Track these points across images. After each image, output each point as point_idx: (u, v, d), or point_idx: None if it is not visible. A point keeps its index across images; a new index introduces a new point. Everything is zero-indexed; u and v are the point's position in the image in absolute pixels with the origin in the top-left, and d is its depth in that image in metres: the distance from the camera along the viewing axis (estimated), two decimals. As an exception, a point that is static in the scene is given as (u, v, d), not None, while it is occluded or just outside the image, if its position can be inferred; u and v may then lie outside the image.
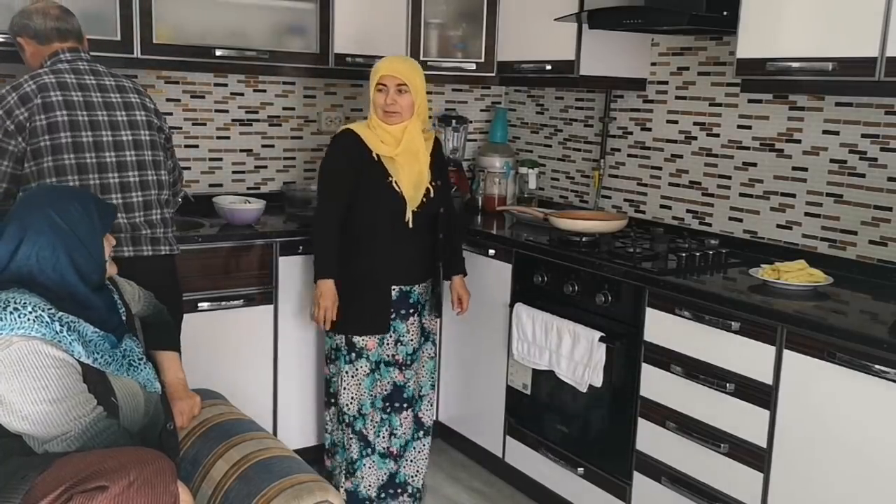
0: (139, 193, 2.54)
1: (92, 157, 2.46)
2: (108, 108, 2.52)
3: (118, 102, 2.54)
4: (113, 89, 2.55)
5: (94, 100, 2.50)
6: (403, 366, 2.96)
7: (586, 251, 2.97)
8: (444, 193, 3.00)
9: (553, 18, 3.21)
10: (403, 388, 2.98)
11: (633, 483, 2.76)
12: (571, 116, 3.84)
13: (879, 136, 2.67)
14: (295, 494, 1.81)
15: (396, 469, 3.06)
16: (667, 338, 2.60)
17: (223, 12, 3.23)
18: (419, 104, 2.84)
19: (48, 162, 2.40)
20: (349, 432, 2.96)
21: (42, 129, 2.40)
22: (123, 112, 2.55)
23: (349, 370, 2.91)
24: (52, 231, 1.80)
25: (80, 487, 1.47)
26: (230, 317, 3.11)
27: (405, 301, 2.92)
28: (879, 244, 2.69)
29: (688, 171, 3.29)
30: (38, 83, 2.43)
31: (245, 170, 3.68)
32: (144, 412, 1.91)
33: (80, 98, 2.47)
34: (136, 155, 2.55)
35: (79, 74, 2.51)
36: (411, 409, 3.03)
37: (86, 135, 2.46)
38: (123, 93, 2.57)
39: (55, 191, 1.95)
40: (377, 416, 2.97)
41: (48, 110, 2.40)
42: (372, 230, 2.85)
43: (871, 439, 2.09)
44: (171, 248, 2.61)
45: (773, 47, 2.52)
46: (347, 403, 2.93)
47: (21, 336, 1.68)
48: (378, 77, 2.82)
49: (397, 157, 2.82)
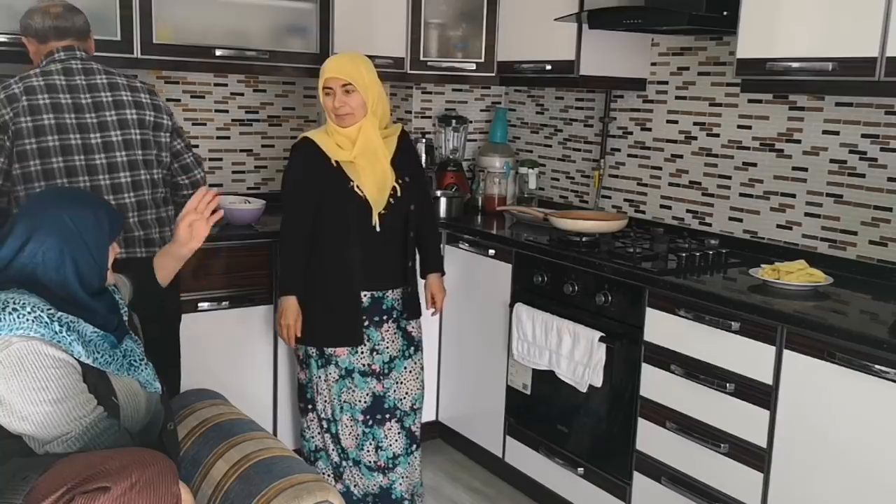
0: (131, 194, 2.53)
1: (81, 159, 2.45)
2: (97, 108, 2.50)
3: (108, 102, 2.52)
4: (104, 88, 2.53)
5: (83, 101, 2.49)
6: (381, 375, 2.86)
7: (586, 251, 2.97)
8: (414, 189, 2.89)
9: (553, 18, 3.21)
10: (384, 399, 2.88)
11: (633, 483, 2.76)
12: (571, 116, 3.84)
13: (879, 136, 2.67)
14: (295, 494, 1.81)
15: (389, 484, 2.93)
16: (667, 338, 2.60)
17: (223, 12, 3.23)
18: (372, 100, 2.72)
19: (35, 165, 2.40)
20: (327, 437, 2.91)
21: (28, 132, 2.39)
22: (113, 111, 2.52)
23: (321, 375, 2.85)
24: (62, 233, 1.79)
25: (81, 488, 1.47)
26: (230, 317, 3.11)
27: (378, 307, 2.83)
28: (879, 244, 2.69)
29: (688, 171, 3.29)
30: (25, 84, 2.43)
31: (245, 170, 3.68)
32: (145, 412, 1.91)
33: (69, 100, 2.46)
34: (126, 155, 2.53)
35: (69, 75, 2.50)
36: (397, 421, 2.91)
37: (74, 137, 2.45)
38: (115, 91, 2.55)
39: (70, 193, 1.94)
40: (357, 429, 2.88)
41: (34, 113, 2.40)
42: (338, 237, 2.76)
43: (872, 439, 2.09)
44: None
45: (773, 47, 2.52)
46: (323, 408, 2.88)
47: (20, 336, 1.67)
48: (323, 81, 2.73)
49: (356, 160, 2.73)
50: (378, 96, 2.76)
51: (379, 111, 2.77)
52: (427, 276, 3.04)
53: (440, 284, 3.05)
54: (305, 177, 2.75)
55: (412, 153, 2.98)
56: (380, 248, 2.81)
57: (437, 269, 3.05)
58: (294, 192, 2.78)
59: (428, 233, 3.01)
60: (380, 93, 2.77)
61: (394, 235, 2.84)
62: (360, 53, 2.85)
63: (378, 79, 2.78)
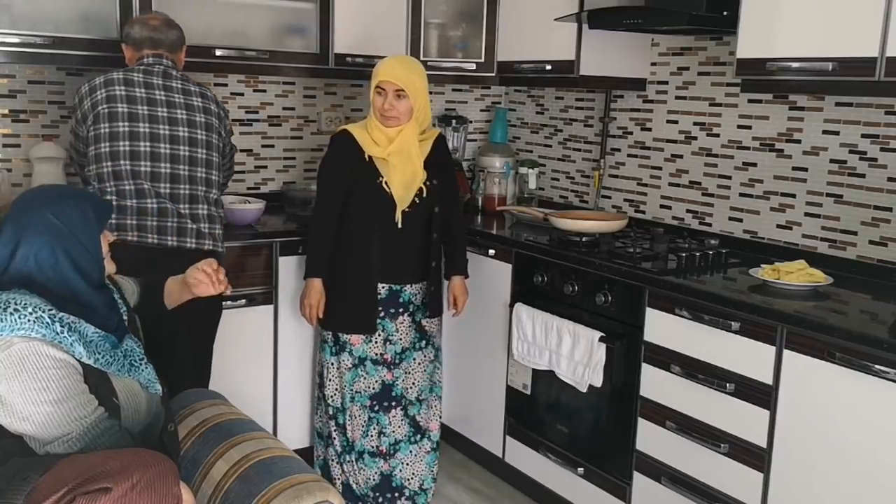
0: (187, 186, 2.68)
1: (147, 146, 2.63)
2: (169, 105, 2.68)
3: (180, 102, 2.70)
4: (178, 91, 2.71)
5: (157, 97, 2.67)
6: (392, 364, 2.97)
7: (586, 251, 2.97)
8: (441, 193, 2.98)
9: (553, 18, 3.21)
10: (392, 387, 2.99)
11: (633, 483, 2.76)
12: (571, 116, 3.84)
13: (879, 136, 2.67)
14: (295, 494, 1.81)
15: (390, 470, 3.02)
16: (667, 338, 2.60)
17: (223, 12, 3.23)
18: (419, 107, 2.84)
19: (104, 147, 2.60)
20: (332, 424, 3.01)
21: (103, 117, 2.60)
22: (184, 111, 2.70)
23: (334, 362, 2.96)
24: (49, 232, 1.79)
25: (82, 489, 1.47)
26: (230, 317, 3.10)
27: (395, 300, 2.94)
28: (879, 244, 2.69)
29: (688, 171, 3.29)
30: (106, 78, 2.65)
31: (245, 170, 3.68)
32: (146, 413, 1.91)
33: (143, 94, 2.65)
34: (189, 150, 2.69)
35: (149, 75, 2.68)
36: (402, 409, 3.02)
37: (143, 126, 2.63)
38: (188, 95, 2.73)
39: (50, 190, 1.94)
40: (364, 416, 2.98)
41: (110, 101, 2.62)
42: (361, 229, 2.88)
43: (872, 439, 2.09)
44: (214, 244, 2.73)
45: (772, 47, 2.52)
46: (332, 395, 2.98)
47: (21, 337, 1.67)
48: (377, 81, 2.82)
49: (389, 158, 2.83)
50: (424, 103, 2.87)
51: (421, 117, 2.88)
52: (451, 277, 3.11)
53: (463, 287, 3.12)
54: (339, 167, 2.88)
55: (446, 158, 3.06)
56: (401, 245, 2.92)
57: (461, 272, 3.12)
58: (327, 180, 2.90)
59: (454, 236, 3.09)
60: (425, 100, 2.88)
61: (415, 234, 2.93)
62: (414, 59, 2.98)
63: (427, 85, 2.88)
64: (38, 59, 2.91)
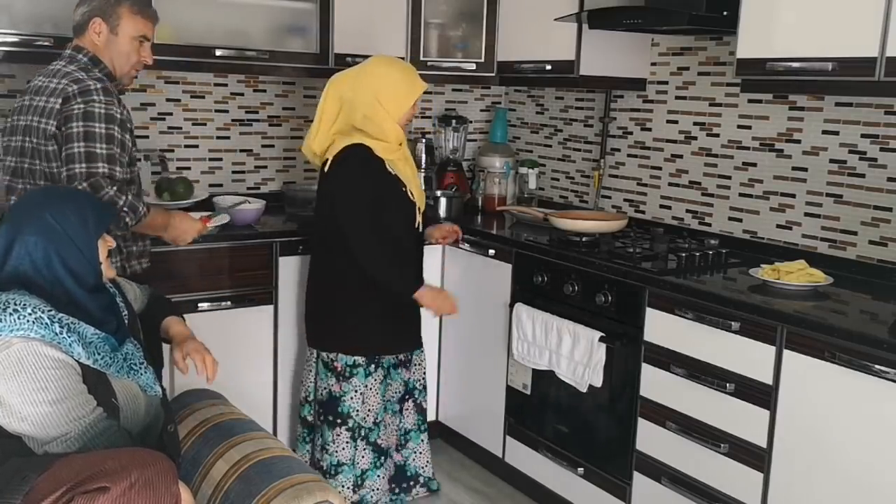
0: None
1: (11, 160, 2.49)
2: (27, 112, 2.45)
3: (34, 107, 2.44)
4: (42, 91, 2.44)
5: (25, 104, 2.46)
6: (408, 363, 3.01)
7: (586, 251, 2.97)
8: None
9: (553, 18, 3.21)
10: (408, 383, 3.04)
11: (633, 483, 2.76)
12: (571, 116, 3.84)
13: (879, 136, 2.67)
14: (295, 494, 1.81)
15: (403, 461, 3.07)
16: (667, 338, 2.60)
17: (223, 12, 3.23)
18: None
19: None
20: (363, 445, 2.90)
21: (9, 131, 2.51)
22: (29, 116, 2.45)
23: (369, 383, 2.87)
24: (44, 232, 1.79)
25: (81, 488, 1.47)
26: (230, 317, 3.10)
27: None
28: (879, 244, 2.69)
29: (688, 171, 3.29)
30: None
31: (245, 170, 3.68)
32: (145, 414, 1.91)
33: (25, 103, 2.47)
34: (18, 161, 2.47)
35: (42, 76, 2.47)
36: (412, 399, 3.06)
37: (14, 139, 2.48)
38: (40, 95, 2.44)
39: (54, 192, 1.95)
40: (395, 421, 3.01)
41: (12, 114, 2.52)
42: (398, 243, 2.83)
43: (871, 439, 2.09)
44: None
45: (772, 47, 2.52)
46: (365, 417, 2.88)
47: (20, 337, 1.67)
48: (420, 94, 2.81)
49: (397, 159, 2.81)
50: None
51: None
52: (427, 227, 3.04)
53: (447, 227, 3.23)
54: (373, 191, 2.74)
55: None
56: (420, 246, 2.96)
57: (435, 221, 3.24)
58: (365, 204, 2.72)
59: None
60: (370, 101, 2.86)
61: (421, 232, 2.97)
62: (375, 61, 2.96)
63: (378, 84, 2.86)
64: (38, 59, 2.91)
